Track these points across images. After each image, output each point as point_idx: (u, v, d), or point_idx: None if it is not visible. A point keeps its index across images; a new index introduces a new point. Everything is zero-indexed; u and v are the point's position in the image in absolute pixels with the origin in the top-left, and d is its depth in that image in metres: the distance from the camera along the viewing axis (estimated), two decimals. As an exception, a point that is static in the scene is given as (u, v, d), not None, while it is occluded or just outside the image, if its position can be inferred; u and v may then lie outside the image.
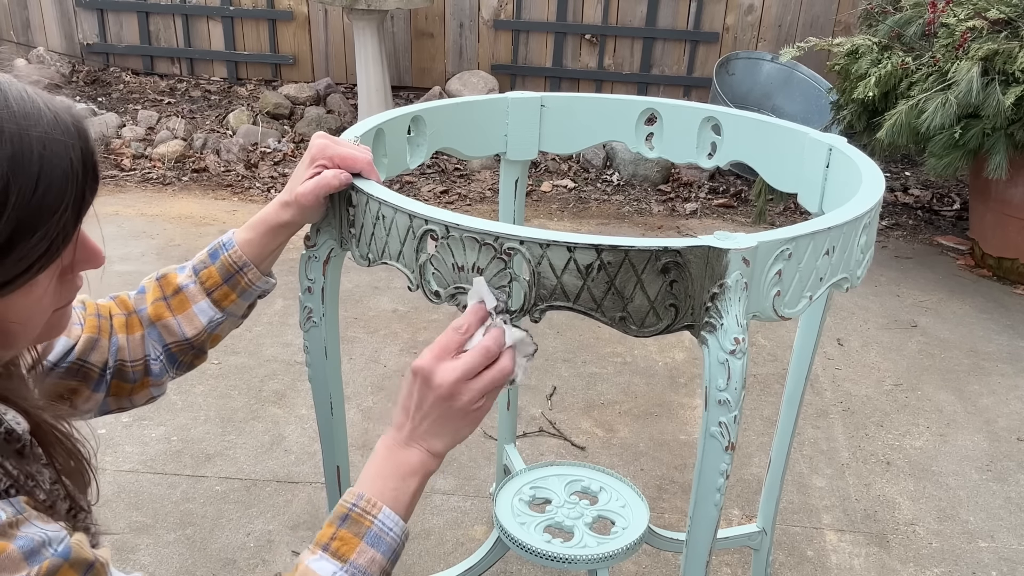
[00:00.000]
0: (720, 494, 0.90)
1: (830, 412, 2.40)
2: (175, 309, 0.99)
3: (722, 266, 0.81)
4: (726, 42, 4.64)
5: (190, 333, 1.00)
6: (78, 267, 0.71)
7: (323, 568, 0.76)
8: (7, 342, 0.68)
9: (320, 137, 0.96)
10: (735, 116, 1.29)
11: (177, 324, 0.99)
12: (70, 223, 0.65)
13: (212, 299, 0.99)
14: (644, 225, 3.75)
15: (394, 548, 0.80)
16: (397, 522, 0.80)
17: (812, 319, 1.31)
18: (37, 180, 0.61)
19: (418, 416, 0.82)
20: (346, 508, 0.80)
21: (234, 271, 0.99)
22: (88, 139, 0.66)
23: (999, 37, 2.82)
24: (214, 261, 0.99)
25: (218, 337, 1.03)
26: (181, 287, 0.99)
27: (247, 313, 1.05)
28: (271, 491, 1.99)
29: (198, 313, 0.99)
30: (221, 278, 0.99)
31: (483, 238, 0.83)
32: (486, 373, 0.82)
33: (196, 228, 3.41)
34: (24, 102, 0.62)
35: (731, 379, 0.84)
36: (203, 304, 0.99)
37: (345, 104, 4.61)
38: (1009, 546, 1.93)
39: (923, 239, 3.70)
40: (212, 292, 0.99)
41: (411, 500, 0.83)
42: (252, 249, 0.99)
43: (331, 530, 0.79)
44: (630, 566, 1.79)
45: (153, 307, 0.99)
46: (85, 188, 0.65)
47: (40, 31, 5.03)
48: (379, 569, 0.79)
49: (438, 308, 2.80)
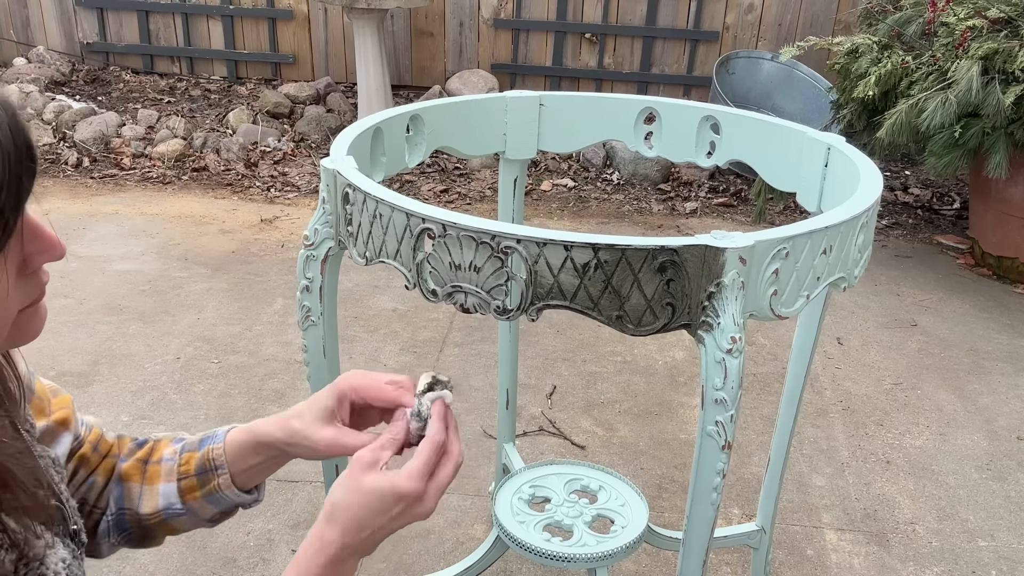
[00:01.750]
0: (717, 493, 0.91)
1: (830, 411, 2.40)
2: (146, 478, 0.90)
3: (719, 265, 0.81)
4: (726, 41, 4.64)
5: (144, 509, 0.90)
6: (35, 260, 0.65)
7: None
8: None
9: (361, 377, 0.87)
10: (734, 115, 1.29)
11: (139, 493, 0.90)
12: (8, 209, 0.58)
13: (179, 487, 0.90)
14: (644, 224, 3.75)
15: None
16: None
17: (811, 318, 1.31)
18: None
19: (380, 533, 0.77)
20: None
21: (208, 468, 0.89)
22: (15, 116, 0.59)
23: (999, 36, 2.82)
24: (199, 449, 0.91)
25: (175, 528, 0.93)
26: (163, 459, 0.91)
27: (217, 519, 0.94)
28: (271, 490, 1.99)
29: (160, 493, 0.90)
30: (194, 470, 0.90)
31: (480, 237, 0.83)
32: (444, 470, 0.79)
33: (196, 227, 3.41)
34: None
35: (728, 378, 0.84)
36: (169, 488, 0.90)
37: (345, 103, 4.61)
38: (1009, 545, 1.93)
39: (923, 238, 3.70)
40: (182, 479, 0.90)
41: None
42: (234, 453, 0.89)
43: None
44: (630, 565, 1.79)
45: (131, 464, 0.91)
46: (20, 169, 0.59)
47: (40, 30, 5.03)
48: None
49: (438, 307, 2.80)
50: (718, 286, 0.82)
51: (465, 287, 0.86)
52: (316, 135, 4.36)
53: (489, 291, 0.85)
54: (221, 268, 3.08)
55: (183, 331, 2.65)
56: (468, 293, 0.86)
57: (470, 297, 0.87)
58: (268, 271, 3.06)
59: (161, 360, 2.48)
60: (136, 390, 2.33)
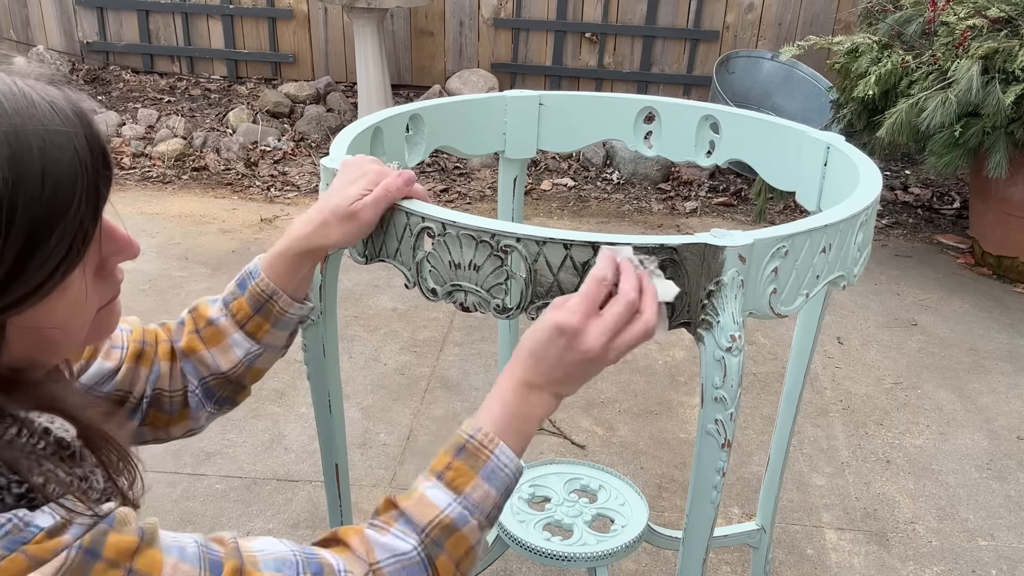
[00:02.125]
0: (717, 491, 0.91)
1: (830, 410, 2.40)
2: (208, 342, 0.94)
3: (718, 263, 0.81)
4: (726, 40, 4.64)
5: (225, 367, 0.94)
6: (112, 261, 0.68)
7: (438, 497, 0.75)
8: (52, 349, 0.65)
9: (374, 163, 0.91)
10: (733, 114, 1.29)
11: (211, 357, 0.94)
12: (87, 218, 0.60)
13: (246, 332, 0.94)
14: (644, 223, 3.75)
15: (508, 485, 0.79)
16: (512, 459, 0.79)
17: (811, 317, 1.31)
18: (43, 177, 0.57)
19: (556, 368, 0.79)
20: (463, 439, 0.78)
21: (263, 300, 0.93)
22: (92, 125, 0.61)
23: (999, 35, 2.82)
24: (243, 291, 0.94)
25: (259, 371, 0.98)
26: (212, 320, 0.94)
27: (289, 343, 1.00)
28: (271, 489, 1.99)
29: (233, 346, 0.94)
30: (251, 309, 0.93)
31: (480, 235, 0.83)
32: (632, 330, 0.79)
33: (196, 227, 3.41)
34: (15, 97, 0.57)
35: (727, 376, 0.84)
36: (237, 337, 0.94)
37: (345, 102, 4.61)
38: (1009, 544, 1.93)
39: (923, 237, 3.70)
40: (244, 324, 0.94)
41: (527, 440, 0.81)
42: (279, 276, 0.93)
43: (447, 459, 0.77)
44: (630, 564, 1.79)
45: (187, 340, 0.94)
46: (98, 179, 0.61)
47: (40, 29, 5.03)
48: (492, 504, 0.77)
49: (438, 306, 2.80)
50: (718, 284, 0.82)
51: (465, 286, 0.86)
52: (316, 134, 4.36)
53: (489, 290, 0.85)
54: (221, 268, 3.08)
55: (183, 330, 2.65)
56: (468, 292, 0.87)
57: (470, 296, 0.87)
58: (268, 270, 3.05)
59: (161, 359, 2.48)
60: (136, 389, 2.33)
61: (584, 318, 0.78)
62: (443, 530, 0.75)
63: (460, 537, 0.75)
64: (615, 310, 0.78)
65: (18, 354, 0.61)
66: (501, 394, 0.81)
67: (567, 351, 0.78)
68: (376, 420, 2.26)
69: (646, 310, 0.79)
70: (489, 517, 0.78)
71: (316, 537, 0.78)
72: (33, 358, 0.64)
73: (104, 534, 0.58)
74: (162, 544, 0.62)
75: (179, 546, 0.63)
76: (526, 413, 0.80)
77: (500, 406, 0.80)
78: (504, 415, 0.80)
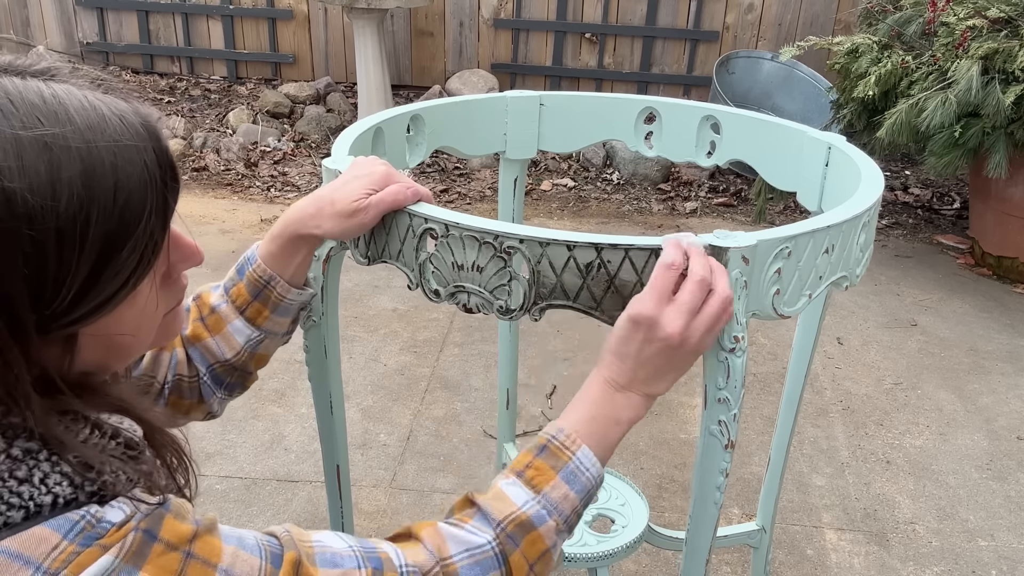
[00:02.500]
0: (720, 492, 0.90)
1: (830, 411, 2.40)
2: (212, 329, 0.95)
3: (722, 264, 0.81)
4: (726, 41, 4.64)
5: (229, 354, 0.96)
6: (178, 268, 0.69)
7: (516, 494, 0.74)
8: (122, 354, 0.66)
9: (384, 164, 0.91)
10: (734, 115, 1.29)
11: (216, 345, 0.95)
12: (157, 229, 0.62)
13: (245, 318, 0.95)
14: (644, 224, 3.75)
15: (588, 489, 0.77)
16: (594, 463, 0.77)
17: (811, 318, 1.31)
18: (115, 192, 0.58)
19: (640, 364, 0.78)
20: (545, 439, 0.77)
21: (261, 285, 0.94)
22: (160, 138, 0.62)
23: (999, 36, 2.82)
24: (241, 278, 0.95)
25: (263, 356, 0.99)
26: (214, 307, 0.96)
27: (291, 329, 1.01)
28: (271, 490, 1.99)
29: (234, 333, 0.95)
30: (250, 295, 0.94)
31: (483, 237, 0.83)
32: (708, 307, 0.77)
33: (196, 227, 3.41)
34: (87, 112, 0.58)
35: (730, 377, 0.84)
36: (237, 323, 0.95)
37: (345, 103, 4.61)
38: (1009, 545, 1.93)
39: (923, 238, 3.70)
40: (244, 310, 0.95)
41: (613, 446, 0.80)
42: (275, 260, 0.93)
43: (527, 458, 0.77)
44: (630, 564, 1.79)
45: (192, 328, 0.96)
46: (166, 191, 0.62)
47: (40, 29, 5.03)
48: (571, 507, 0.76)
49: (438, 307, 2.80)
50: (720, 286, 0.82)
51: (468, 287, 0.86)
52: (316, 135, 4.36)
53: (492, 291, 0.85)
54: (221, 268, 3.07)
55: (183, 331, 2.65)
56: (471, 293, 0.86)
57: (473, 297, 0.87)
58: (268, 271, 3.06)
59: (161, 360, 2.48)
60: (136, 390, 2.33)
61: (657, 305, 0.76)
62: (519, 526, 0.73)
63: (536, 536, 0.74)
64: (688, 289, 0.77)
65: (89, 360, 0.63)
66: (587, 395, 0.80)
67: (647, 343, 0.77)
68: (376, 420, 2.26)
69: (718, 285, 0.78)
70: (568, 521, 0.77)
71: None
72: (103, 363, 0.65)
73: (161, 518, 0.59)
74: (221, 533, 0.63)
75: (238, 536, 0.64)
76: (611, 415, 0.79)
77: (585, 408, 0.79)
78: (588, 417, 0.79)
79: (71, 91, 0.59)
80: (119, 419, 0.65)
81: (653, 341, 0.77)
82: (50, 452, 0.58)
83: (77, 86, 0.60)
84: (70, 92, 0.59)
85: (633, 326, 0.77)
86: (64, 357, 0.60)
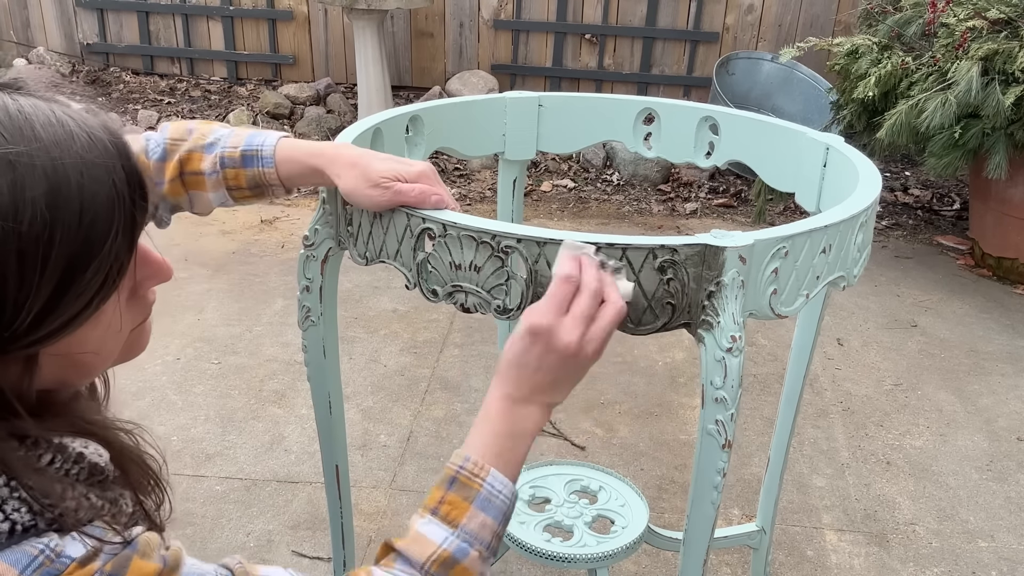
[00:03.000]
0: (717, 492, 0.91)
1: (830, 412, 2.40)
2: (190, 187, 0.98)
3: (719, 264, 0.82)
4: (726, 42, 4.64)
5: (197, 210, 1.01)
6: (145, 285, 0.67)
7: (434, 532, 0.74)
8: (84, 372, 0.65)
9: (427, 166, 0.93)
10: (733, 116, 1.29)
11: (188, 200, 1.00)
12: (123, 250, 0.60)
13: (232, 196, 0.99)
14: (644, 225, 3.75)
15: (504, 511, 0.78)
16: (505, 484, 0.78)
17: (810, 318, 1.32)
18: (80, 213, 0.56)
19: (539, 375, 0.79)
20: (454, 470, 0.77)
21: (262, 184, 0.98)
22: (129, 156, 0.60)
23: (999, 37, 2.82)
24: (246, 167, 0.97)
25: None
26: (204, 172, 0.98)
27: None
28: (271, 491, 1.99)
29: (212, 199, 1.00)
30: (247, 186, 0.98)
31: (480, 236, 0.83)
32: (603, 318, 0.79)
33: (196, 228, 3.41)
34: (54, 128, 0.56)
35: (728, 377, 0.84)
36: (220, 194, 0.99)
37: (345, 104, 4.61)
38: (1009, 546, 1.93)
39: (923, 239, 3.70)
40: (233, 190, 0.99)
41: (520, 460, 0.80)
42: (287, 178, 0.97)
43: (439, 493, 0.77)
44: (630, 565, 1.79)
45: (169, 185, 0.98)
46: (134, 210, 0.60)
47: (40, 31, 5.03)
48: (491, 534, 0.77)
49: (438, 308, 2.80)
50: (718, 285, 0.82)
51: (465, 287, 0.87)
52: (316, 136, 4.37)
53: (489, 291, 0.85)
54: (221, 269, 3.08)
55: (183, 332, 2.65)
56: (468, 293, 0.87)
57: (470, 297, 0.87)
58: (268, 272, 3.06)
59: (161, 361, 2.48)
60: (136, 391, 2.33)
61: (555, 316, 0.78)
62: (443, 564, 0.74)
63: (462, 570, 0.74)
64: (581, 301, 0.78)
65: (50, 378, 0.61)
66: (488, 414, 0.80)
67: (545, 353, 0.78)
68: (376, 421, 2.26)
69: (610, 297, 0.80)
70: (490, 547, 0.77)
71: (316, 539, 0.79)
72: (64, 380, 0.64)
73: (128, 560, 0.58)
74: (184, 569, 0.62)
75: (200, 572, 0.64)
76: (515, 431, 0.80)
77: (487, 427, 0.80)
78: (492, 438, 0.79)
79: (38, 105, 0.57)
80: (84, 443, 0.63)
81: (552, 351, 0.78)
82: (8, 477, 0.56)
83: (44, 100, 0.58)
84: (36, 107, 0.57)
85: (532, 337, 0.78)
86: (23, 377, 0.58)
